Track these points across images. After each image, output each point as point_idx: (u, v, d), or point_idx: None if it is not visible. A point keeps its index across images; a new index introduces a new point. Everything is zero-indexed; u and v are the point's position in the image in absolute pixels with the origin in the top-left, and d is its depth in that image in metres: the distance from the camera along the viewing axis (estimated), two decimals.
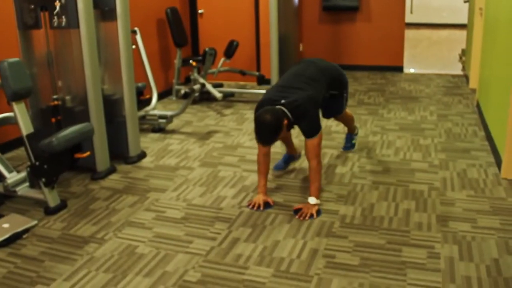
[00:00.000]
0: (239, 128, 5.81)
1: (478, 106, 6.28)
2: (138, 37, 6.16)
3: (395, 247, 3.26)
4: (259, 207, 3.83)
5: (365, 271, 3.02)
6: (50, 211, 3.84)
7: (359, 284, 2.90)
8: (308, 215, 3.68)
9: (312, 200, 3.73)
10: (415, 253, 3.19)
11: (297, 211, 3.76)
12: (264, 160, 3.88)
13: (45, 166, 3.75)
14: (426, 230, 3.47)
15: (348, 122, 4.80)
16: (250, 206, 3.85)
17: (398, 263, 3.09)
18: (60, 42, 4.43)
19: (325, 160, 4.74)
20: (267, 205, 3.87)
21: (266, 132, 3.51)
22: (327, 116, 4.54)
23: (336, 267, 3.07)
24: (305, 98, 3.73)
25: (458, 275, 2.95)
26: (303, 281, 2.94)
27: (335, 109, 4.48)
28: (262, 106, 3.72)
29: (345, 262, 3.12)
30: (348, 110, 4.66)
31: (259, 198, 3.87)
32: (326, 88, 4.05)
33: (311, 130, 3.71)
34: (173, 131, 5.76)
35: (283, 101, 3.69)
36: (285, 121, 3.58)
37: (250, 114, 6.36)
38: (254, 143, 5.27)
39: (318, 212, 3.73)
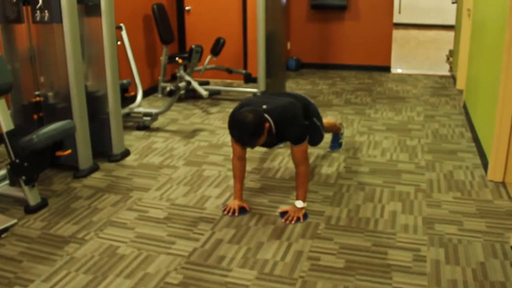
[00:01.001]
0: (224, 126, 5.75)
1: (465, 107, 6.26)
2: (124, 33, 6.07)
3: (381, 250, 3.22)
4: (234, 212, 3.71)
5: (350, 274, 2.97)
6: (30, 210, 3.76)
7: (344, 287, 2.86)
8: (295, 218, 3.59)
9: (299, 203, 3.64)
10: (401, 256, 3.15)
11: (283, 214, 3.68)
12: (239, 164, 3.74)
13: (26, 164, 3.66)
14: (412, 232, 3.43)
15: (332, 130, 4.75)
16: (225, 212, 3.73)
17: (384, 266, 3.05)
18: (42, 37, 4.34)
19: (311, 160, 4.69)
20: (242, 210, 3.74)
21: (246, 132, 3.34)
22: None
23: (321, 270, 3.02)
24: (290, 104, 3.64)
25: (444, 279, 2.92)
26: (287, 284, 2.89)
27: (313, 140, 4.16)
28: (242, 107, 3.58)
29: (330, 265, 3.07)
30: (329, 119, 4.58)
31: (234, 203, 3.74)
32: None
33: (299, 137, 3.57)
34: (158, 129, 5.68)
35: (264, 106, 3.55)
36: (267, 125, 3.41)
37: None
38: None
39: (305, 216, 3.65)
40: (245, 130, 3.34)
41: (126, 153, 4.86)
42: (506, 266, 3.04)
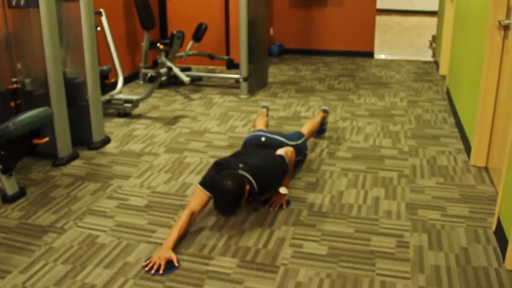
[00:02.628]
0: (206, 113, 5.69)
1: (448, 92, 6.25)
2: (104, 19, 5.96)
3: (364, 236, 3.20)
4: (158, 269, 2.88)
5: (333, 261, 2.94)
6: (7, 199, 3.68)
7: (327, 274, 2.83)
8: (278, 205, 3.57)
9: (282, 190, 3.58)
10: (384, 242, 3.13)
11: (266, 201, 3.64)
12: (188, 219, 3.14)
13: (2, 152, 3.58)
14: (395, 218, 3.41)
15: (316, 130, 4.57)
16: (147, 268, 2.88)
17: (367, 253, 3.02)
18: (19, 22, 4.24)
19: None
20: (169, 265, 2.91)
21: (226, 202, 3.09)
22: None
23: (304, 257, 2.99)
24: (264, 157, 3.51)
25: (427, 265, 2.90)
26: (269, 271, 2.85)
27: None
28: (220, 168, 3.34)
29: (313, 252, 3.04)
30: (309, 124, 4.43)
31: (161, 255, 2.93)
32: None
33: (278, 180, 3.48)
34: (139, 116, 5.61)
35: (241, 165, 3.33)
36: (247, 187, 3.17)
37: (218, 99, 6.24)
38: (221, 128, 5.16)
39: (288, 203, 3.63)
40: (227, 199, 3.08)
41: (107, 140, 4.79)
42: (488, 251, 3.03)
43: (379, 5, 14.60)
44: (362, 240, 3.16)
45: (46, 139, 3.96)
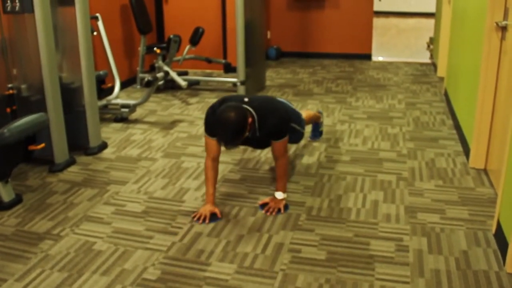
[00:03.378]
0: (204, 117, 5.66)
1: (446, 94, 6.24)
2: (100, 24, 5.95)
3: (363, 240, 3.17)
4: (204, 219, 3.43)
5: (332, 266, 2.92)
6: (3, 207, 3.65)
7: (326, 279, 2.80)
8: (275, 210, 3.53)
9: (279, 195, 3.57)
10: (383, 246, 3.11)
11: (263, 205, 3.60)
12: (212, 166, 3.48)
13: None
14: (394, 222, 3.38)
15: (312, 121, 4.64)
16: (195, 219, 3.45)
17: (366, 257, 3.00)
18: (14, 28, 4.22)
19: (292, 150, 4.63)
20: (213, 217, 3.46)
21: (229, 132, 3.12)
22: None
23: (302, 262, 2.96)
24: (271, 98, 3.57)
25: (427, 269, 2.88)
26: (267, 277, 2.83)
27: (294, 139, 4.00)
28: (221, 104, 3.44)
29: (311, 257, 3.01)
30: (307, 111, 4.49)
31: (205, 210, 3.46)
32: None
33: (279, 132, 3.43)
34: (136, 121, 5.58)
35: (246, 99, 3.43)
36: (250, 120, 3.23)
37: None
38: None
39: (286, 207, 3.58)
40: (229, 129, 3.12)
41: (104, 145, 4.76)
42: (489, 254, 3.00)
43: (376, 7, 14.61)
44: (361, 244, 3.13)
45: (42, 145, 3.94)
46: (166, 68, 6.40)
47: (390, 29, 12.66)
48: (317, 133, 4.88)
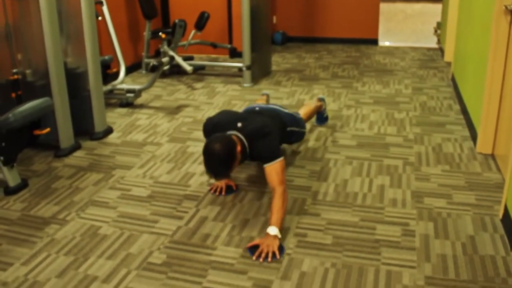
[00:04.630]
0: (209, 102, 5.65)
1: (453, 79, 6.19)
2: (105, 8, 5.92)
3: (369, 225, 3.16)
4: (221, 191, 3.58)
5: (338, 250, 2.91)
6: (9, 191, 3.65)
7: (332, 264, 2.79)
8: (270, 254, 2.84)
9: (272, 230, 2.93)
10: (389, 230, 3.09)
11: (253, 249, 2.93)
12: None
13: (3, 144, 3.55)
14: (400, 206, 3.37)
15: (313, 114, 4.54)
16: (212, 191, 3.60)
17: (372, 242, 2.98)
18: (18, 13, 4.19)
19: None
20: (229, 189, 3.61)
21: (216, 164, 3.05)
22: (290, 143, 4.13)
23: (308, 247, 2.95)
24: (264, 122, 3.38)
25: (434, 253, 2.86)
26: (273, 261, 2.82)
27: (295, 139, 4.03)
28: (213, 129, 3.39)
29: (317, 241, 3.00)
30: (305, 107, 4.40)
31: (222, 181, 3.61)
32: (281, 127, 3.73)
33: (270, 153, 3.21)
34: (141, 106, 5.57)
35: (239, 124, 3.32)
36: (239, 149, 3.14)
37: (221, 88, 6.20)
38: None
39: (281, 250, 2.91)
40: (215, 163, 3.06)
41: (109, 130, 4.75)
42: (495, 239, 2.99)
43: None
44: (367, 229, 3.12)
45: (47, 129, 3.93)
46: (171, 53, 6.37)
47: (397, 14, 12.57)
48: (322, 118, 4.85)
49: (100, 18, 5.81)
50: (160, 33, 6.73)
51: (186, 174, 3.89)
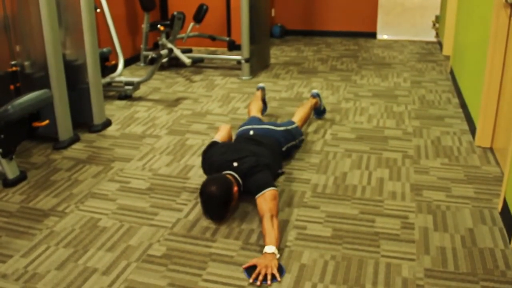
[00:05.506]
0: (208, 94, 5.64)
1: (452, 73, 6.19)
2: (103, 0, 5.89)
3: (368, 218, 3.16)
4: None
5: (337, 243, 2.91)
6: (8, 183, 3.65)
7: (331, 256, 2.80)
8: (269, 276, 2.60)
9: (269, 248, 2.74)
10: (388, 223, 3.10)
11: (249, 270, 2.69)
12: (229, 130, 3.53)
13: (2, 136, 3.54)
14: (400, 199, 3.37)
15: (310, 114, 4.49)
16: None
17: (372, 234, 2.99)
18: (17, 4, 4.18)
19: None
20: None
21: (214, 206, 3.08)
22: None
23: (307, 239, 2.95)
24: (260, 158, 3.34)
25: (433, 246, 2.87)
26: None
27: (296, 148, 4.07)
28: (209, 169, 3.39)
29: (317, 234, 3.00)
30: (300, 112, 4.32)
31: None
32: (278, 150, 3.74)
33: (261, 185, 3.10)
34: (140, 98, 5.56)
35: (235, 164, 3.27)
36: (235, 189, 3.15)
37: (220, 80, 6.19)
38: (223, 109, 5.11)
39: (281, 270, 2.68)
40: (213, 206, 3.09)
41: (108, 123, 4.75)
42: (494, 232, 2.99)
43: None
44: (367, 221, 3.12)
45: (46, 121, 3.92)
46: (170, 45, 6.36)
47: (395, 7, 12.54)
48: (319, 112, 4.83)
49: (98, 10, 5.79)
50: (158, 26, 6.71)
51: (185, 167, 3.89)
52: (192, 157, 4.06)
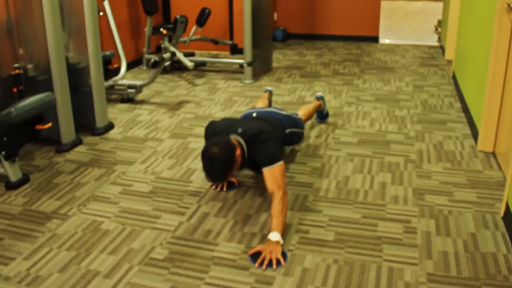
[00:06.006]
0: (210, 98, 5.65)
1: (454, 77, 6.19)
2: (106, 4, 5.91)
3: (371, 222, 3.16)
4: (222, 187, 3.58)
5: (340, 247, 2.91)
6: (11, 186, 3.65)
7: (334, 260, 2.80)
8: (274, 261, 2.75)
9: (274, 236, 2.85)
10: (391, 227, 3.10)
11: (254, 256, 2.84)
12: None
13: (5, 139, 3.55)
14: (402, 203, 3.37)
15: (313, 113, 4.52)
16: (213, 186, 3.60)
17: (374, 238, 2.99)
18: (20, 7, 4.19)
19: None
20: (231, 185, 3.59)
21: (215, 168, 3.01)
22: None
23: (310, 243, 2.95)
24: (264, 127, 3.33)
25: (435, 250, 2.87)
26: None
27: (294, 141, 3.99)
28: (214, 134, 3.37)
29: (319, 238, 3.00)
30: (304, 108, 4.37)
31: None
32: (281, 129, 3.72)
33: (269, 156, 3.12)
34: (142, 102, 5.56)
35: (240, 129, 3.28)
36: (238, 152, 3.10)
37: (222, 84, 6.20)
38: (226, 113, 5.12)
39: (284, 256, 2.82)
40: (214, 167, 3.02)
41: (110, 126, 4.75)
42: (497, 237, 2.99)
43: None
44: (369, 225, 3.12)
45: (49, 124, 3.93)
46: (172, 49, 6.37)
47: (397, 11, 12.57)
48: (322, 115, 4.84)
49: (101, 13, 5.80)
50: (161, 29, 6.73)
51: (188, 170, 3.89)
52: (195, 160, 4.06)
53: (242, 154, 3.18)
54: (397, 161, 4.01)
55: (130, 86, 5.61)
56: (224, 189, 3.58)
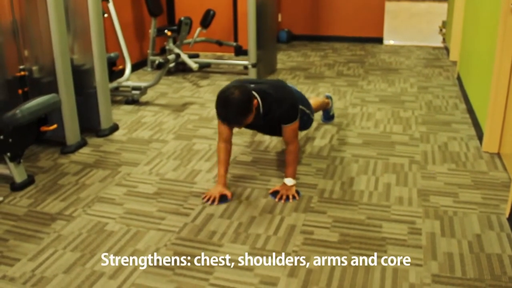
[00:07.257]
0: (215, 99, 5.64)
1: (459, 78, 6.18)
2: (111, 6, 5.92)
3: (375, 223, 3.16)
4: (213, 201, 3.42)
5: (344, 248, 2.91)
6: (16, 187, 3.66)
7: (338, 261, 2.79)
8: (290, 197, 3.43)
9: (289, 181, 3.49)
10: (395, 229, 3.09)
11: (274, 193, 3.50)
12: (225, 148, 3.47)
13: (10, 140, 3.56)
14: (407, 205, 3.37)
15: (321, 108, 4.55)
16: (205, 200, 3.45)
17: (379, 239, 2.98)
18: (25, 9, 4.20)
19: (303, 133, 4.61)
20: (223, 198, 3.45)
21: (232, 110, 3.10)
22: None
23: (314, 244, 2.95)
24: (279, 85, 3.49)
25: (440, 252, 2.86)
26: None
27: (303, 125, 3.96)
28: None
29: (324, 239, 3.00)
30: (315, 98, 4.44)
31: (216, 191, 3.45)
32: None
33: (290, 116, 3.43)
34: (147, 103, 5.57)
35: (252, 85, 3.40)
36: (256, 102, 3.25)
37: None
38: None
39: (298, 193, 3.51)
40: (232, 107, 3.10)
41: (115, 127, 4.76)
42: (502, 238, 2.98)
43: None
44: (374, 227, 3.12)
45: (54, 126, 3.94)
46: (177, 50, 6.38)
47: (402, 12, 12.56)
48: (328, 116, 4.85)
49: (106, 15, 5.82)
50: (165, 31, 6.74)
51: (192, 171, 3.90)
52: (199, 161, 4.06)
53: (258, 108, 3.32)
54: (401, 162, 4.01)
55: (134, 88, 5.62)
56: (216, 202, 3.41)
